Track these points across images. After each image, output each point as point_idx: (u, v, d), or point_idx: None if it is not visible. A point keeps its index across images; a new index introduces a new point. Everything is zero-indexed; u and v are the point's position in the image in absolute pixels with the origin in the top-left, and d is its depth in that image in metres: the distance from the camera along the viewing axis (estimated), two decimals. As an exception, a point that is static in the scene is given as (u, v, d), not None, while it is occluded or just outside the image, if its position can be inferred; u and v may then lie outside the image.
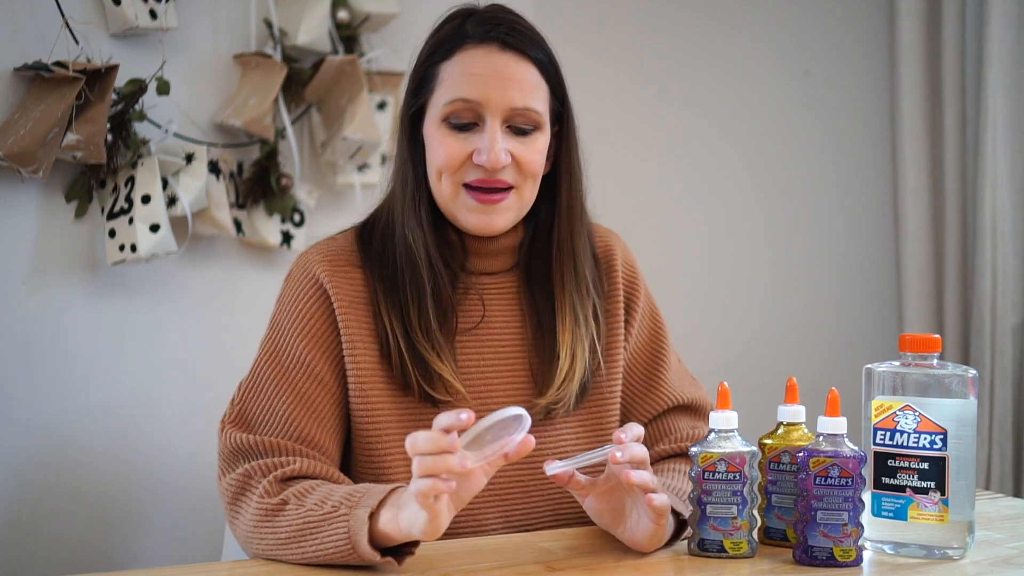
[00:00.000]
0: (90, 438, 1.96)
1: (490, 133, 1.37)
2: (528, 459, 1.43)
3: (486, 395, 1.43)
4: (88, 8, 1.92)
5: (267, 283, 2.13)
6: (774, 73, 2.64)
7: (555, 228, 1.46)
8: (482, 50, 1.39)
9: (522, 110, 1.38)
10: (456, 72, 1.39)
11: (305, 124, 2.19)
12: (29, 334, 1.91)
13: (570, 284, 1.45)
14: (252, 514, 1.29)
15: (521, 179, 1.40)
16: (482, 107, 1.37)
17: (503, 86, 1.37)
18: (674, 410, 1.53)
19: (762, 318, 2.65)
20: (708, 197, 2.63)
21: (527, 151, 1.39)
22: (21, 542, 1.89)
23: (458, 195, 1.40)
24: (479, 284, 1.47)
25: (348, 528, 1.20)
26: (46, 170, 1.81)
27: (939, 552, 1.28)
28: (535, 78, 1.40)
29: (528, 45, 1.40)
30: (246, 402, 1.39)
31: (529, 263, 1.48)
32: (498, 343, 1.46)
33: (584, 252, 1.48)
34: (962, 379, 1.28)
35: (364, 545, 1.19)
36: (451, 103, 1.38)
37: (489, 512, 1.42)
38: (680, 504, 1.34)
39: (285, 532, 1.25)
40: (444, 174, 1.39)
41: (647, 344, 1.55)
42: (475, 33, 1.39)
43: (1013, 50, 2.36)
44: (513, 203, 1.41)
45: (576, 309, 1.45)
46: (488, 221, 1.40)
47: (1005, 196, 2.36)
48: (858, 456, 1.24)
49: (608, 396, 1.49)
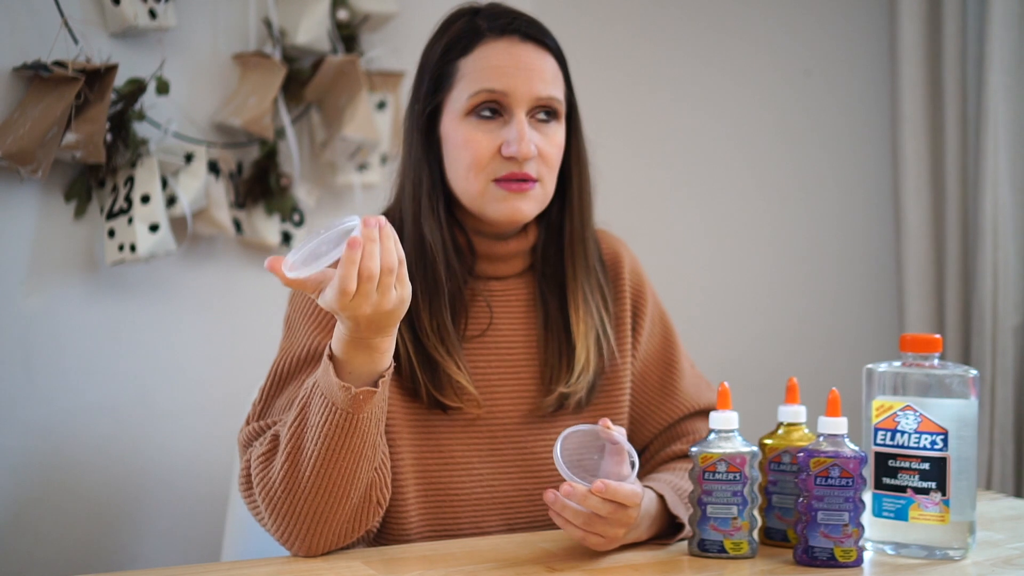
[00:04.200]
0: (89, 438, 1.96)
1: (517, 123, 1.38)
2: (532, 467, 1.43)
3: (492, 401, 1.43)
4: (87, 8, 1.92)
5: (267, 283, 2.12)
6: (774, 73, 2.64)
7: (566, 218, 1.47)
8: (504, 42, 1.40)
9: (547, 99, 1.40)
10: (479, 66, 1.39)
11: (305, 124, 2.19)
12: (28, 334, 1.90)
13: (582, 274, 1.47)
14: (257, 475, 1.27)
15: (545, 171, 1.41)
16: (508, 97, 1.38)
17: (529, 77, 1.39)
18: (691, 416, 1.53)
19: (762, 318, 2.64)
20: (708, 197, 2.63)
21: (549, 143, 1.41)
22: (20, 542, 1.89)
23: (487, 190, 1.40)
24: (487, 289, 1.46)
25: (321, 388, 1.20)
26: (45, 170, 1.81)
27: (940, 553, 1.28)
28: (555, 68, 1.43)
29: (547, 36, 1.43)
30: (266, 400, 1.37)
31: (539, 265, 1.48)
32: (505, 349, 1.45)
33: (593, 244, 1.49)
34: (963, 379, 1.28)
35: (334, 383, 1.18)
36: (476, 94, 1.39)
37: (492, 519, 1.42)
38: (681, 507, 1.34)
39: (284, 453, 1.23)
40: (472, 171, 1.39)
41: (659, 352, 1.54)
42: (493, 27, 1.41)
43: (1014, 50, 2.36)
44: (538, 195, 1.42)
45: (588, 298, 1.46)
46: (516, 208, 1.40)
47: (1006, 196, 2.36)
48: (859, 456, 1.23)
49: (616, 398, 1.49)
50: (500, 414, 1.43)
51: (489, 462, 1.42)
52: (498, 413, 1.43)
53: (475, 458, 1.41)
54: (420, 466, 1.39)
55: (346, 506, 1.25)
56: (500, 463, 1.42)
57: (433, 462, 1.40)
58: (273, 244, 2.12)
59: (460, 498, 1.40)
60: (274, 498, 1.25)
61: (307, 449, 1.22)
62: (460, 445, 1.41)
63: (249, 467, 1.29)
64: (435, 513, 1.40)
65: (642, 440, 1.52)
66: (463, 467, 1.41)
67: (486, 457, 1.42)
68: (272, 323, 1.59)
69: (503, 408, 1.43)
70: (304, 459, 1.22)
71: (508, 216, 1.40)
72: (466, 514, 1.41)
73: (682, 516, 1.33)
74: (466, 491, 1.40)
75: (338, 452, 1.21)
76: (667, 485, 1.37)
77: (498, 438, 1.42)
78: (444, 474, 1.40)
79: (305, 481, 1.22)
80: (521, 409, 1.43)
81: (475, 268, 1.46)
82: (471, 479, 1.41)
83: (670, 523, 1.35)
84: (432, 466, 1.39)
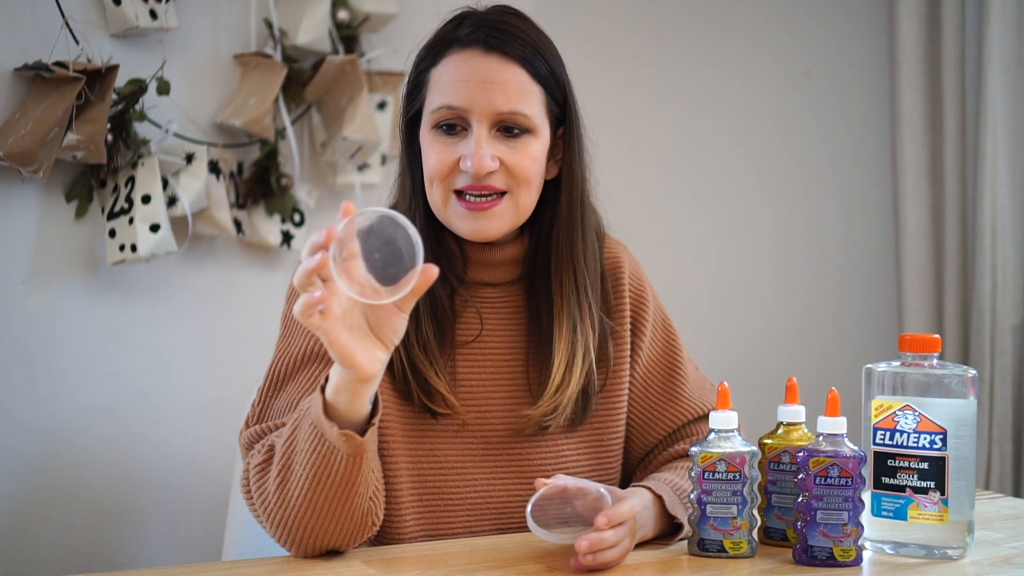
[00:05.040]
0: (89, 438, 1.96)
1: (475, 139, 1.35)
2: (526, 473, 1.42)
3: (485, 408, 1.42)
4: (88, 8, 1.92)
5: (267, 283, 2.13)
6: (774, 73, 2.64)
7: (554, 233, 1.43)
8: (464, 54, 1.37)
9: (508, 114, 1.35)
10: (442, 79, 1.37)
11: (305, 124, 2.19)
12: (29, 334, 1.90)
13: (569, 290, 1.43)
14: (254, 482, 1.27)
15: (514, 184, 1.37)
16: (467, 113, 1.35)
17: (486, 91, 1.35)
18: (695, 420, 1.52)
19: (762, 318, 2.64)
20: (708, 197, 2.63)
21: (517, 156, 1.36)
22: (21, 542, 1.89)
23: (448, 202, 1.38)
24: (478, 296, 1.45)
25: (311, 416, 1.19)
26: (46, 170, 1.81)
27: (939, 552, 1.28)
28: (522, 80, 1.36)
29: (515, 46, 1.37)
30: (265, 402, 1.37)
31: (534, 273, 1.45)
32: (498, 356, 1.44)
33: (586, 259, 1.45)
34: (962, 379, 1.28)
35: (321, 418, 1.16)
36: (437, 110, 1.37)
37: (486, 523, 1.42)
38: (679, 508, 1.34)
39: (277, 468, 1.23)
40: (435, 181, 1.38)
41: (661, 357, 1.53)
42: (461, 36, 1.37)
43: (1013, 50, 2.36)
44: (507, 209, 1.38)
45: (574, 316, 1.42)
46: (479, 227, 1.37)
47: (1005, 196, 2.36)
48: (858, 456, 1.24)
49: (612, 415, 1.48)
50: (493, 420, 1.42)
51: (484, 467, 1.41)
52: (491, 419, 1.42)
53: (469, 463, 1.41)
54: (415, 470, 1.39)
55: (338, 528, 1.25)
56: (495, 468, 1.42)
57: (428, 466, 1.39)
58: (274, 244, 2.13)
59: (455, 503, 1.40)
60: (269, 508, 1.25)
61: (296, 471, 1.22)
62: (454, 450, 1.41)
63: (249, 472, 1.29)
64: (430, 517, 1.40)
65: (646, 445, 1.51)
66: (458, 472, 1.40)
67: (480, 462, 1.41)
68: (273, 323, 1.58)
69: (496, 415, 1.42)
70: (293, 480, 1.22)
71: (472, 235, 1.38)
72: (460, 519, 1.41)
73: (680, 516, 1.32)
74: (460, 495, 1.40)
75: (326, 482, 1.21)
76: (666, 485, 1.36)
77: (492, 444, 1.42)
78: (439, 478, 1.40)
79: (295, 500, 1.22)
80: (513, 418, 1.43)
81: (467, 275, 1.44)
82: (465, 484, 1.41)
83: (670, 523, 1.35)
84: (427, 470, 1.39)
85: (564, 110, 1.42)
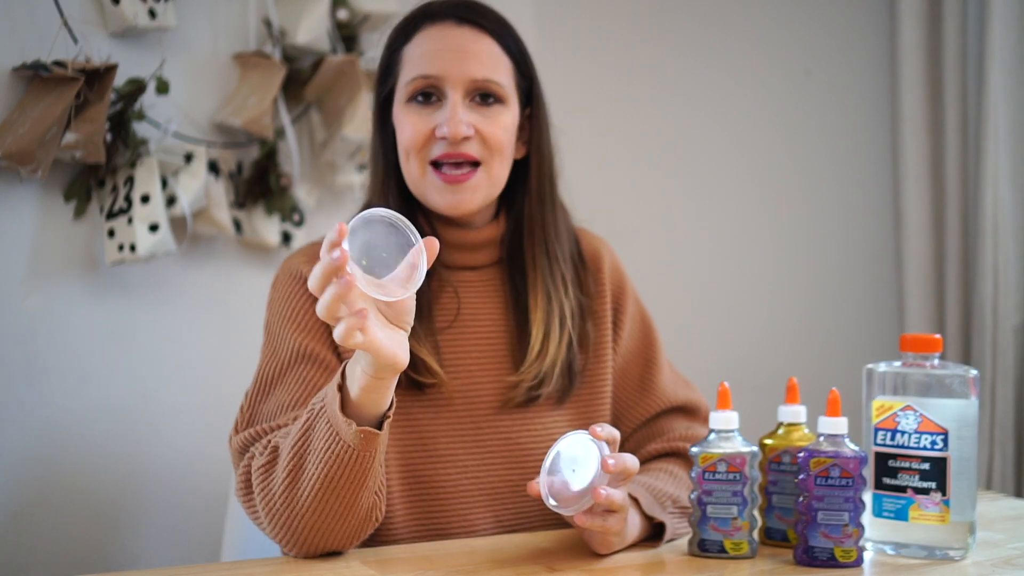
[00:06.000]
0: (89, 438, 1.96)
1: (451, 105, 1.39)
2: (517, 458, 1.43)
3: (469, 382, 1.43)
4: (87, 7, 1.92)
5: (267, 283, 2.12)
6: (774, 73, 2.64)
7: (525, 208, 1.47)
8: (438, 27, 1.42)
9: (482, 82, 1.40)
10: (416, 52, 1.42)
11: (304, 124, 2.19)
12: (28, 334, 1.90)
13: (541, 261, 1.46)
14: (257, 484, 1.26)
15: (487, 154, 1.41)
16: (442, 81, 1.40)
17: (461, 59, 1.40)
18: (668, 412, 1.53)
19: (762, 318, 2.64)
20: (708, 197, 2.62)
21: (491, 124, 1.41)
22: (21, 542, 1.89)
23: (425, 174, 1.41)
24: (456, 279, 1.47)
25: (326, 415, 1.18)
26: (45, 170, 1.80)
27: (940, 553, 1.28)
28: (494, 50, 1.42)
29: (486, 19, 1.43)
30: (254, 406, 1.38)
31: (511, 253, 1.49)
32: (480, 335, 1.46)
33: (557, 232, 1.49)
34: (963, 379, 1.28)
35: (338, 417, 1.16)
36: (412, 81, 1.41)
37: (479, 513, 1.42)
38: (657, 508, 1.34)
39: (285, 470, 1.22)
40: (411, 153, 1.41)
41: (639, 349, 1.55)
42: (433, 11, 1.43)
43: (1015, 49, 2.36)
44: (482, 181, 1.41)
45: (547, 285, 1.46)
46: (457, 201, 1.40)
47: (1006, 196, 2.36)
48: (859, 456, 1.23)
49: (598, 391, 1.50)
50: (479, 401, 1.43)
51: (474, 453, 1.42)
52: (476, 400, 1.43)
53: (460, 449, 1.41)
54: (404, 459, 1.39)
55: (344, 526, 1.25)
56: (485, 454, 1.42)
57: (417, 455, 1.40)
58: (273, 244, 2.12)
59: (446, 491, 1.40)
60: (274, 509, 1.25)
61: (308, 471, 1.21)
62: (443, 436, 1.41)
63: (248, 474, 1.29)
64: (422, 507, 1.39)
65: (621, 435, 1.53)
66: (448, 459, 1.41)
67: (470, 447, 1.42)
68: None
69: (481, 395, 1.43)
70: (304, 480, 1.22)
71: (450, 207, 1.41)
72: (453, 508, 1.40)
73: (659, 516, 1.32)
74: (452, 483, 1.40)
75: (339, 481, 1.20)
76: (641, 487, 1.36)
77: (481, 428, 1.43)
78: (429, 466, 1.40)
79: (304, 500, 1.22)
80: (499, 397, 1.44)
81: (445, 258, 1.46)
82: (456, 470, 1.41)
83: (651, 525, 1.35)
84: (417, 459, 1.40)
85: (531, 88, 1.47)
